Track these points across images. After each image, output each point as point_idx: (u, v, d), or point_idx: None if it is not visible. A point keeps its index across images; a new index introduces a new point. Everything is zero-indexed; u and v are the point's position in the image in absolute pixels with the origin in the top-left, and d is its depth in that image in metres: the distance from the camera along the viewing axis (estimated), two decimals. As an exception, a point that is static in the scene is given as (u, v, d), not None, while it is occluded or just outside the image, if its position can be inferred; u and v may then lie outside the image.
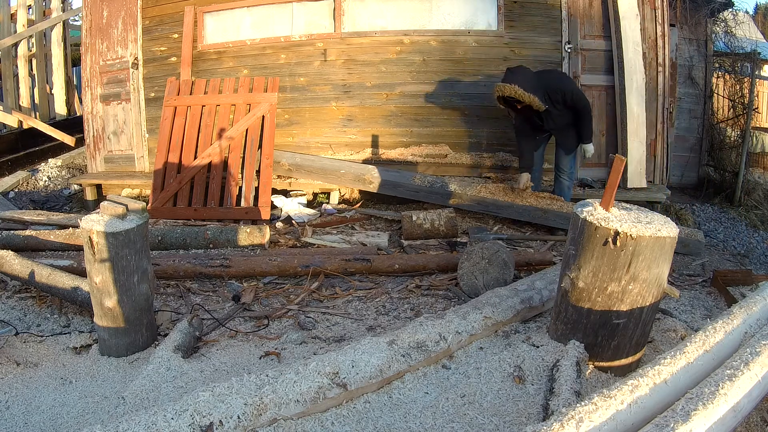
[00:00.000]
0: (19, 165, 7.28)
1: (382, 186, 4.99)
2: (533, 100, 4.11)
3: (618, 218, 2.10)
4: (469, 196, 4.75)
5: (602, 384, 2.14)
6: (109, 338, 2.63)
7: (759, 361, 1.68)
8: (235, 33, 5.59)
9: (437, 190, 4.83)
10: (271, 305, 3.29)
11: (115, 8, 5.88)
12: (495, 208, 4.69)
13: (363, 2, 5.34)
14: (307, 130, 5.57)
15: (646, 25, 5.12)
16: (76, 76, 8.98)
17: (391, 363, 2.16)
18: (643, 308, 2.13)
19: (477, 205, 4.74)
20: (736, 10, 7.05)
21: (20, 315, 3.12)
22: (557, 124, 4.40)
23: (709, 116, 6.73)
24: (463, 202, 4.76)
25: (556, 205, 4.52)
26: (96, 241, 2.44)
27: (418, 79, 5.31)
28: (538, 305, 2.86)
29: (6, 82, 7.86)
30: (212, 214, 4.91)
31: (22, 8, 7.98)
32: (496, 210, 4.70)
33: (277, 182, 5.30)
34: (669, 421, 1.41)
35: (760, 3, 19.40)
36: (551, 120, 4.36)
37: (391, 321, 3.05)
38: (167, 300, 3.38)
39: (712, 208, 5.98)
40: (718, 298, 3.33)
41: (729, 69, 6.94)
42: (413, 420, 1.93)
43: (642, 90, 5.02)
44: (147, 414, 1.68)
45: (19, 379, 2.41)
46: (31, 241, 3.97)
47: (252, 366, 2.48)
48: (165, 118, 5.26)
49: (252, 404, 1.79)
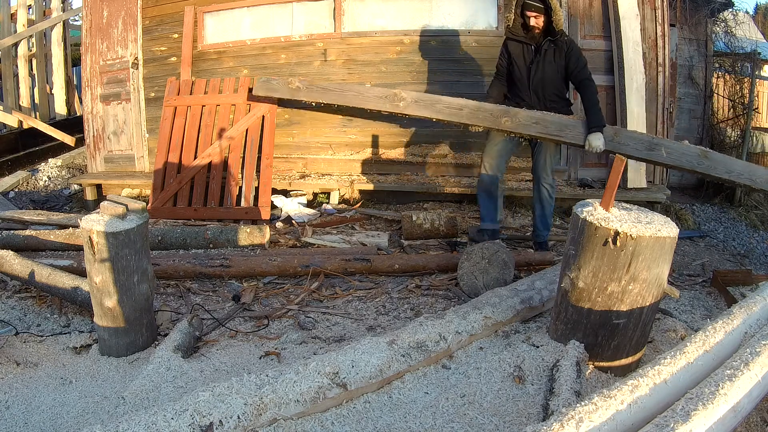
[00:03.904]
0: (19, 165, 7.28)
1: (416, 105, 4.25)
2: (557, 8, 3.51)
3: (618, 218, 2.10)
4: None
5: (602, 384, 2.14)
6: (109, 338, 2.63)
7: (759, 361, 1.68)
8: (235, 33, 5.59)
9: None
10: (271, 305, 3.29)
11: (115, 8, 5.88)
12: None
13: (363, 2, 5.34)
14: (307, 130, 5.57)
15: (646, 25, 5.12)
16: (76, 76, 8.99)
17: (391, 363, 2.16)
18: (643, 308, 2.13)
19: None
20: (736, 10, 7.05)
21: (20, 315, 3.11)
22: (545, 81, 3.73)
23: (709, 116, 6.73)
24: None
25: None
26: (96, 241, 2.44)
27: (418, 79, 5.31)
28: (538, 305, 2.86)
29: (6, 82, 7.87)
30: (212, 214, 4.91)
31: (22, 8, 7.99)
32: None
33: (277, 182, 5.29)
34: (669, 421, 1.41)
35: (760, 3, 19.38)
36: (543, 69, 3.69)
37: (391, 321, 3.05)
38: (167, 300, 3.38)
39: (712, 208, 5.98)
40: (718, 298, 3.33)
41: (729, 69, 6.94)
42: (413, 420, 1.93)
43: (642, 90, 5.02)
44: (147, 414, 1.68)
45: (19, 379, 2.41)
46: (31, 241, 3.97)
47: (252, 366, 2.48)
48: (165, 118, 5.26)
49: (252, 404, 1.79)
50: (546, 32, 3.65)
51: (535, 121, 3.75)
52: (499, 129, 3.86)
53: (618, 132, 3.86)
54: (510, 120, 3.80)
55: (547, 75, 3.72)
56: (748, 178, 3.90)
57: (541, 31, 3.64)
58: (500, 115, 3.84)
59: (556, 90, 3.80)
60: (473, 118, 3.98)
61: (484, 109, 3.93)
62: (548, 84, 3.76)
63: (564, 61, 3.65)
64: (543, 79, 3.74)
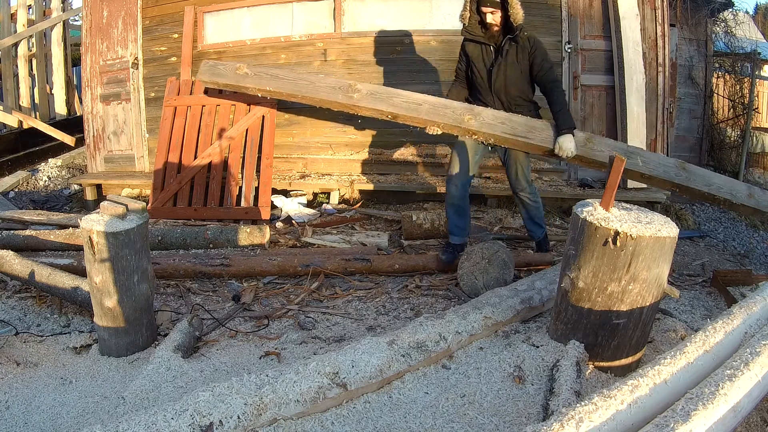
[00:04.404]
0: (19, 165, 7.29)
1: (371, 98, 3.90)
2: (513, 2, 3.23)
3: (618, 218, 2.10)
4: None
5: (602, 384, 2.14)
6: (109, 338, 2.63)
7: (759, 361, 1.68)
8: (235, 33, 5.59)
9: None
10: (271, 305, 3.29)
11: (115, 8, 5.88)
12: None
13: (363, 2, 5.34)
14: (307, 130, 5.57)
15: (646, 25, 5.12)
16: (76, 76, 8.99)
17: (391, 363, 2.16)
18: (643, 308, 2.13)
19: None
20: (736, 10, 7.06)
21: (20, 315, 3.12)
22: (508, 83, 3.46)
23: (709, 116, 6.73)
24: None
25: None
26: (96, 241, 2.44)
27: (418, 80, 5.30)
28: (538, 305, 2.86)
29: (6, 82, 7.87)
30: (212, 214, 4.91)
31: (22, 8, 7.99)
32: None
33: (277, 182, 5.29)
34: (669, 421, 1.41)
35: (760, 3, 19.41)
36: (505, 72, 3.41)
37: (391, 321, 3.05)
38: (167, 300, 3.38)
39: (712, 208, 5.98)
40: (718, 298, 3.33)
41: (729, 69, 6.95)
42: (413, 420, 1.93)
43: (642, 90, 5.02)
44: (147, 414, 1.68)
45: (19, 379, 2.41)
46: (31, 241, 3.97)
47: (252, 366, 2.48)
48: (165, 118, 5.26)
49: (252, 404, 1.79)
50: (505, 29, 3.36)
51: (501, 121, 3.48)
52: (463, 128, 3.54)
53: (591, 138, 3.60)
54: (474, 119, 3.50)
55: (510, 77, 3.44)
56: (728, 193, 3.64)
57: (500, 28, 3.36)
58: (464, 112, 3.54)
59: (521, 93, 3.51)
60: (434, 114, 3.64)
61: (445, 106, 3.63)
62: (511, 87, 3.48)
63: (528, 61, 3.37)
64: (506, 82, 3.46)
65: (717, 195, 3.64)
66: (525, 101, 3.54)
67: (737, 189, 3.68)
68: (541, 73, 3.37)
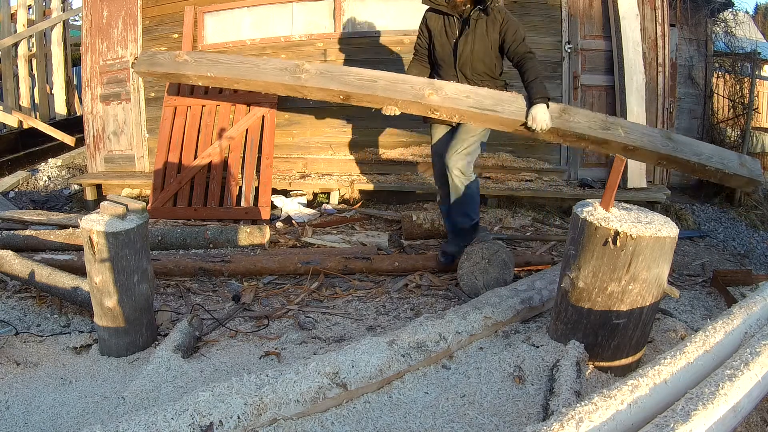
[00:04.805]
0: (19, 165, 7.29)
1: (321, 77, 3.57)
2: None
3: (618, 218, 2.10)
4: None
5: (602, 384, 2.14)
6: (109, 338, 2.63)
7: (759, 361, 1.68)
8: (235, 33, 5.60)
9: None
10: (271, 305, 3.29)
11: (115, 8, 5.88)
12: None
13: (363, 2, 5.34)
14: (307, 130, 5.57)
15: (646, 25, 5.12)
16: (76, 76, 8.99)
17: (391, 363, 2.16)
18: (643, 308, 2.13)
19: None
20: (736, 10, 7.06)
21: (20, 315, 3.11)
22: (474, 58, 3.20)
23: (709, 116, 6.73)
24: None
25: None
26: (96, 241, 2.44)
27: (418, 79, 5.30)
28: (538, 305, 2.86)
29: (6, 82, 7.87)
30: (212, 214, 4.91)
31: (22, 8, 8.00)
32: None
33: (277, 182, 5.29)
34: (669, 421, 1.41)
35: (760, 3, 19.40)
36: (472, 45, 3.16)
37: (391, 321, 3.05)
38: (167, 300, 3.38)
39: (712, 208, 5.97)
40: (718, 298, 3.33)
41: (729, 69, 6.94)
42: (413, 420, 1.93)
43: (642, 90, 5.02)
44: (147, 414, 1.68)
45: (19, 379, 2.41)
46: (31, 241, 3.97)
47: (252, 366, 2.48)
48: (165, 118, 5.26)
49: (252, 404, 1.79)
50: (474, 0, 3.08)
51: (466, 94, 3.19)
52: (423, 105, 3.28)
53: (566, 108, 3.31)
54: (435, 93, 3.21)
55: (478, 51, 3.16)
56: (719, 162, 3.41)
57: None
58: (423, 87, 3.25)
59: (487, 69, 3.25)
60: (391, 91, 3.32)
61: (404, 81, 3.32)
62: (478, 61, 3.21)
63: (498, 34, 3.10)
64: (472, 56, 3.18)
65: (708, 165, 3.40)
66: (491, 77, 3.29)
67: (728, 158, 3.47)
68: (515, 45, 3.10)
